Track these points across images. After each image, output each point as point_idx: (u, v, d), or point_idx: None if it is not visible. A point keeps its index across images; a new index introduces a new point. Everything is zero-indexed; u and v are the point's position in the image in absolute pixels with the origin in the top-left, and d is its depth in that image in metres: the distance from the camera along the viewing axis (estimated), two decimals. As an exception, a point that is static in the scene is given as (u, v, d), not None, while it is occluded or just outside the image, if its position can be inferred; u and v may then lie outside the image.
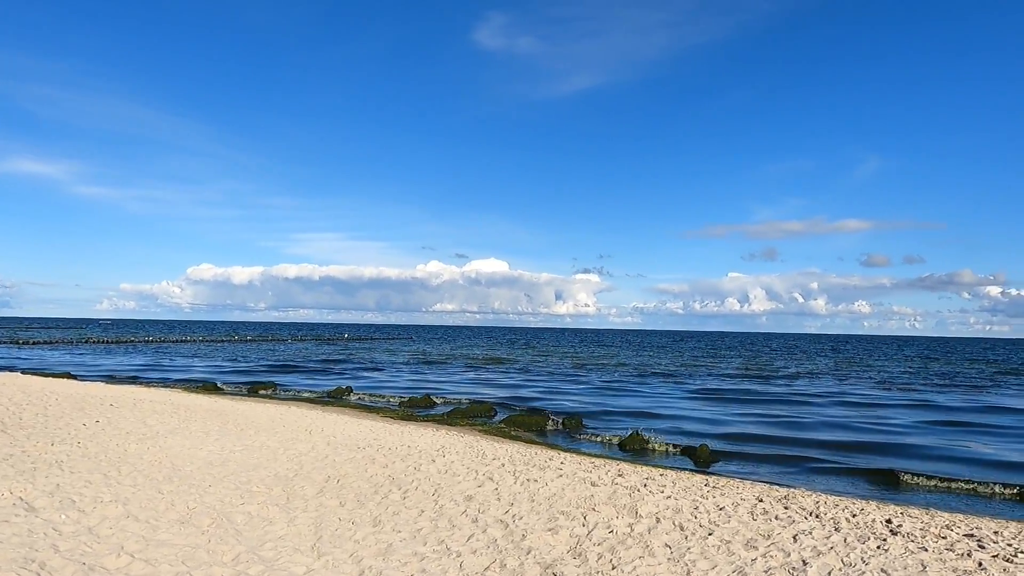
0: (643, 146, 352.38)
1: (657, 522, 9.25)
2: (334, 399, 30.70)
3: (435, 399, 30.19)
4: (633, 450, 19.79)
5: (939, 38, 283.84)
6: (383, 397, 31.70)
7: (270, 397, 31.02)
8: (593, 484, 11.88)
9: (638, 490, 11.45)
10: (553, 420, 24.21)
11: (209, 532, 7.99)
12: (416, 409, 27.54)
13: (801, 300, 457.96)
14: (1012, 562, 8.23)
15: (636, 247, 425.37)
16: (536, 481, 11.91)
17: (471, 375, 46.56)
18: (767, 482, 14.97)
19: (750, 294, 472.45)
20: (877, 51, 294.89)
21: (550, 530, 8.65)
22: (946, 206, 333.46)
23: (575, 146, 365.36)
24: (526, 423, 23.48)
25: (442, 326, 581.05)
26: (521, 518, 9.23)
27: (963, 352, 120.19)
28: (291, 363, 55.06)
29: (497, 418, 25.52)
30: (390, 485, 11.16)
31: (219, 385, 34.69)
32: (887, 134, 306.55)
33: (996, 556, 8.47)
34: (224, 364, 52.80)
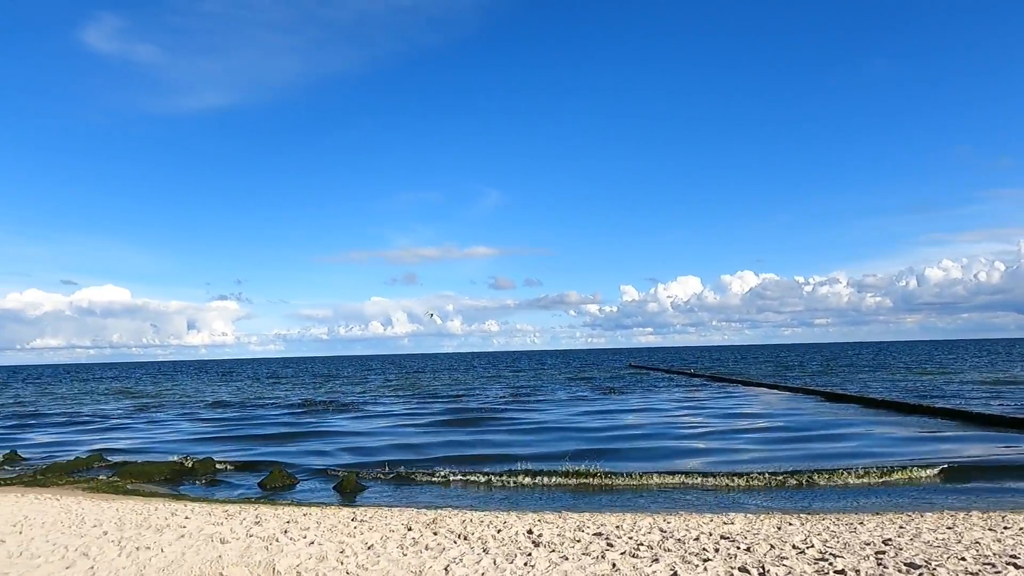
0: (276, 170, 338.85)
1: (298, 578, 8.08)
2: None
3: (22, 455, 24.52)
4: (275, 488, 18.09)
5: (529, 92, 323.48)
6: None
7: None
8: (223, 541, 10.19)
9: (276, 540, 10.09)
10: (179, 462, 21.14)
11: None
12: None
13: (439, 321, 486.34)
14: (637, 556, 8.82)
15: (275, 272, 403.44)
16: (149, 548, 9.81)
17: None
18: (414, 507, 14.63)
19: (392, 317, 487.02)
20: (475, 94, 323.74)
21: (162, 614, 6.94)
22: (551, 235, 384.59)
23: (203, 164, 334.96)
24: (146, 472, 20.06)
25: (48, 365, 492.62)
26: (123, 604, 7.32)
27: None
28: None
29: (105, 471, 21.42)
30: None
31: None
32: (503, 172, 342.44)
33: (624, 553, 9.02)
34: None
